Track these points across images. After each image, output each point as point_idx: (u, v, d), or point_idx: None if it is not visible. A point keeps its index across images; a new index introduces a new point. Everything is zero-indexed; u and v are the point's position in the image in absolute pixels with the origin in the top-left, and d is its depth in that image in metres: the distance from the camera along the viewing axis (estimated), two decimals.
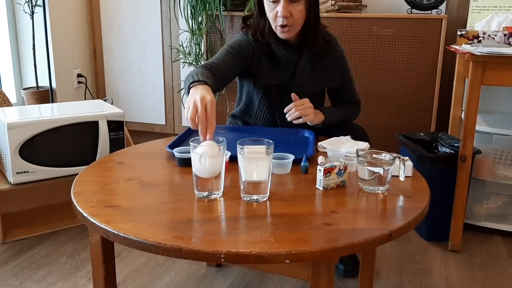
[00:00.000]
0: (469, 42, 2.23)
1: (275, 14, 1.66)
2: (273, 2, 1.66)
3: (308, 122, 1.72)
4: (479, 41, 2.22)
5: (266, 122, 1.86)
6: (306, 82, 1.78)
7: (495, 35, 2.20)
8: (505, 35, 2.19)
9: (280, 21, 1.65)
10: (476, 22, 2.37)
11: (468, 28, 2.39)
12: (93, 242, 1.23)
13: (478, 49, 1.96)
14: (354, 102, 1.94)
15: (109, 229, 1.02)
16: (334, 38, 1.85)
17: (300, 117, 1.66)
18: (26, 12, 3.05)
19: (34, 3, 3.02)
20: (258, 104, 1.84)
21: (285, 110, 1.68)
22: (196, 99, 1.30)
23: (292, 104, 1.67)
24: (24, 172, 2.06)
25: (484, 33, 2.22)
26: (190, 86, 1.42)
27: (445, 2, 2.68)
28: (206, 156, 1.15)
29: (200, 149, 1.16)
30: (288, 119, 1.68)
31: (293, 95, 1.69)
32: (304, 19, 1.69)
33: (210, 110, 1.28)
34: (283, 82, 1.78)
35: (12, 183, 2.06)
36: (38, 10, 3.06)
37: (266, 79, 1.77)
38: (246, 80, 1.85)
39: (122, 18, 3.47)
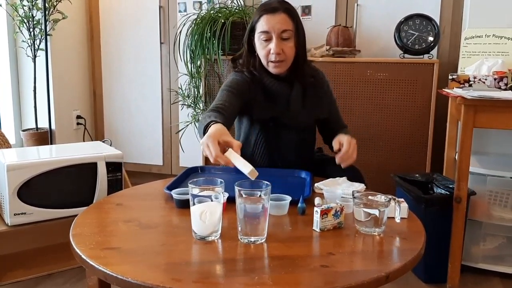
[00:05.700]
0: (461, 86, 2.28)
1: (267, 51, 1.76)
2: (265, 40, 1.76)
3: None
4: (470, 85, 2.28)
5: (263, 160, 1.88)
6: (299, 114, 1.85)
7: (486, 79, 2.26)
8: (495, 79, 2.25)
9: (273, 57, 1.76)
10: (467, 67, 2.44)
11: (459, 72, 2.46)
12: (90, 285, 1.23)
13: (469, 93, 2.00)
14: (343, 127, 1.99)
15: (108, 272, 1.03)
16: (320, 71, 1.96)
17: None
18: (28, 56, 3.12)
19: (37, 47, 3.10)
20: (255, 140, 1.88)
21: (337, 162, 1.67)
22: (203, 141, 1.37)
23: (342, 154, 1.66)
24: (22, 213, 2.06)
25: (475, 77, 2.28)
26: (207, 128, 1.46)
27: (436, 47, 2.76)
28: (206, 213, 1.17)
29: (200, 207, 1.18)
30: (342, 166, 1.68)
31: (337, 143, 1.70)
32: (293, 54, 1.79)
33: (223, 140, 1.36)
34: (278, 115, 1.84)
35: (9, 224, 2.05)
36: (40, 54, 3.13)
37: (263, 112, 1.84)
38: (244, 117, 1.91)
39: (122, 61, 3.55)
